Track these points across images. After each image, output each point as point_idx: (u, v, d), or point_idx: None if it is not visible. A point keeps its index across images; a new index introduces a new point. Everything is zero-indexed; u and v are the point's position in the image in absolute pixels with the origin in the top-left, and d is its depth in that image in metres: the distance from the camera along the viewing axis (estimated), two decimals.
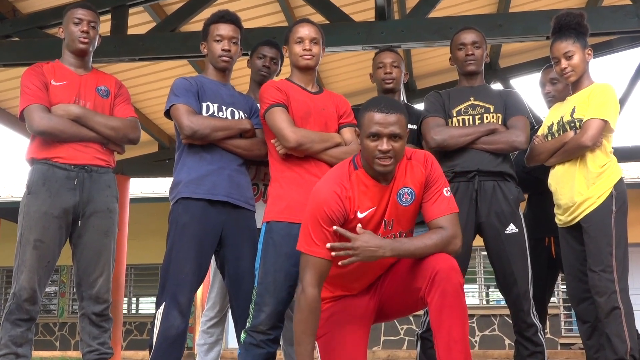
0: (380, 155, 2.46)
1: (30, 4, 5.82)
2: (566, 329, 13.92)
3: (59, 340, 15.44)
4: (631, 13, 5.09)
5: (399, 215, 2.59)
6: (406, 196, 2.58)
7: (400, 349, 13.99)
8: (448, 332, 2.39)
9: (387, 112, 2.48)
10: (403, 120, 2.51)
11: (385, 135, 2.46)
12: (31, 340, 3.03)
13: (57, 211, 3.03)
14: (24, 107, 3.07)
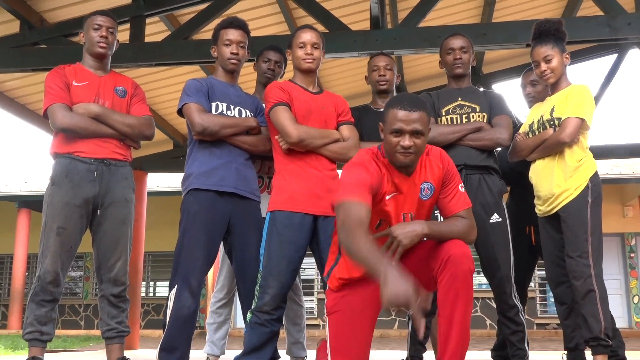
0: (402, 150, 2.39)
1: (56, 14, 5.79)
2: (541, 310, 13.93)
3: (83, 320, 15.47)
4: (603, 23, 5.05)
5: (418, 209, 2.54)
6: (426, 191, 2.53)
7: (392, 329, 14.00)
8: (451, 312, 2.34)
9: (410, 110, 2.38)
10: (425, 117, 2.41)
11: (407, 132, 2.37)
12: (54, 319, 3.01)
13: (78, 201, 3.00)
14: (48, 106, 3.05)
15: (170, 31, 5.98)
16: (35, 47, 5.72)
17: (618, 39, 5.16)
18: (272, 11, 6.43)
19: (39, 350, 2.95)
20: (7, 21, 5.67)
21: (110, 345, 3.10)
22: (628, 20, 5.04)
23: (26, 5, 5.55)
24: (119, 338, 3.10)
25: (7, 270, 15.94)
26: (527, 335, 3.20)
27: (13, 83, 6.88)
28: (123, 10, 5.58)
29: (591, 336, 2.83)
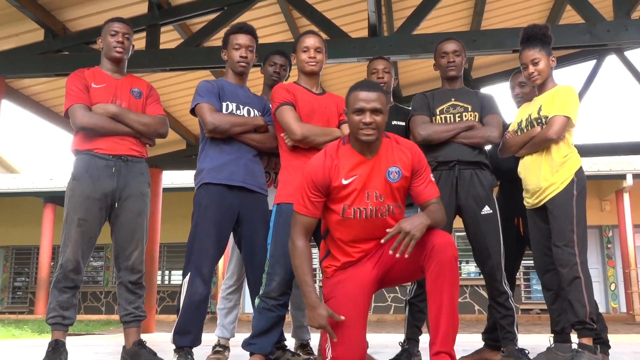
0: (364, 126, 2.43)
1: (77, 24, 5.76)
2: (525, 297, 13.90)
3: (104, 306, 15.47)
4: (584, 30, 5.01)
5: (387, 190, 2.53)
6: (394, 174, 2.53)
7: (388, 314, 13.97)
8: (440, 297, 2.35)
9: (369, 91, 2.47)
10: (383, 97, 2.49)
11: (368, 109, 2.44)
12: (76, 305, 2.96)
13: (97, 194, 2.96)
14: (69, 106, 3.00)
15: (183, 39, 5.95)
16: (59, 54, 5.70)
17: (598, 45, 5.12)
18: (278, 20, 6.40)
19: (61, 333, 2.91)
20: (32, 30, 5.64)
21: (128, 328, 3.06)
22: (607, 27, 4.99)
23: (50, 15, 5.53)
24: (136, 322, 3.06)
25: (34, 261, 15.94)
26: (516, 320, 3.16)
27: (38, 87, 6.85)
28: (140, 19, 5.55)
29: (577, 320, 2.78)
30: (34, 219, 15.40)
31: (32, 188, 14.04)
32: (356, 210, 2.51)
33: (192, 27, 6.16)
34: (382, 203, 2.52)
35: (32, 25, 5.57)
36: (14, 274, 16.44)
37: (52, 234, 14.01)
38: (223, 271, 12.47)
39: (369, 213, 2.51)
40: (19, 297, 16.33)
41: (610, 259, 13.95)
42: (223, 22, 5.51)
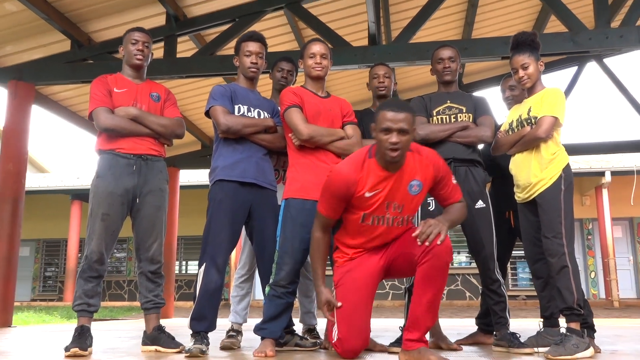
0: (390, 146, 2.38)
1: (101, 35, 5.73)
2: (512, 284, 13.83)
3: (127, 294, 15.47)
4: (567, 38, 4.97)
5: (407, 202, 2.52)
6: (415, 187, 2.52)
7: (387, 300, 13.93)
8: (422, 296, 2.41)
9: (397, 111, 2.41)
10: (410, 118, 2.42)
11: (395, 130, 2.39)
12: (100, 293, 2.92)
13: (120, 191, 2.91)
14: (93, 109, 2.96)
15: (198, 48, 5.92)
16: (84, 63, 5.68)
17: (581, 52, 5.06)
18: (285, 31, 6.36)
19: (87, 319, 2.87)
20: (60, 41, 5.62)
21: (148, 315, 3.01)
22: (589, 35, 4.94)
23: (76, 27, 5.50)
24: (156, 309, 3.02)
25: (63, 252, 15.94)
26: (508, 306, 3.11)
27: (65, 94, 6.83)
28: (158, 30, 5.53)
29: (565, 306, 2.73)
30: (62, 214, 15.42)
31: (60, 186, 14.04)
32: (375, 219, 2.52)
33: (206, 37, 6.13)
34: (400, 214, 2.53)
35: (60, 37, 5.55)
36: (44, 265, 16.45)
37: (79, 228, 14.03)
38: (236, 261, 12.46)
39: (386, 222, 2.53)
40: (49, 285, 16.34)
41: (590, 250, 13.88)
42: (235, 32, 5.48)
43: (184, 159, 8.70)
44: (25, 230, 14.05)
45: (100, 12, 5.37)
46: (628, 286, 13.64)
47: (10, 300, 5.34)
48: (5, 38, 5.50)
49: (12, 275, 5.36)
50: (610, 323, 6.28)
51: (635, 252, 13.86)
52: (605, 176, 12.10)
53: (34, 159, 21.38)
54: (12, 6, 5.04)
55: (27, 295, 16.01)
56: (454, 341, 3.26)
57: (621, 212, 13.48)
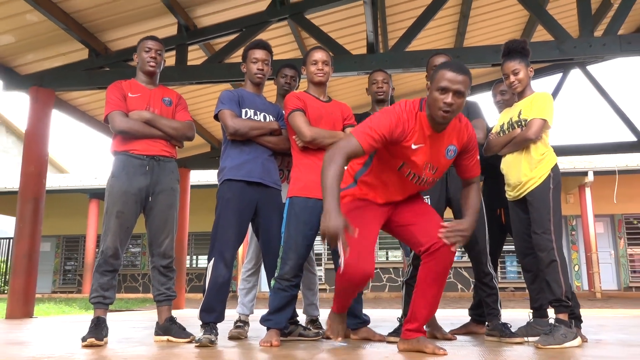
0: (444, 106, 2.18)
1: (117, 44, 5.70)
2: (501, 277, 13.78)
3: (141, 286, 15.45)
4: (553, 47, 4.93)
5: (442, 165, 2.37)
6: (451, 152, 2.36)
7: (384, 292, 13.89)
8: (424, 293, 2.36)
9: (457, 72, 2.18)
10: (468, 81, 2.21)
11: (452, 90, 2.17)
12: (115, 286, 2.89)
13: (133, 190, 2.88)
14: (108, 112, 2.93)
15: (207, 56, 5.89)
16: (101, 70, 5.65)
17: (566, 59, 5.03)
18: (289, 40, 6.33)
19: (102, 311, 2.84)
20: (78, 50, 5.59)
21: (160, 307, 2.98)
22: (574, 44, 4.90)
23: (94, 37, 5.47)
24: (167, 301, 2.98)
25: (81, 248, 15.93)
26: (499, 298, 3.07)
27: (84, 99, 6.80)
28: (170, 39, 5.50)
29: (554, 298, 2.69)
30: (81, 212, 15.40)
31: (79, 186, 14.02)
32: (410, 173, 2.35)
33: (215, 46, 6.10)
34: (432, 175, 2.38)
35: (78, 46, 5.52)
36: (64, 259, 16.44)
37: (97, 225, 14.01)
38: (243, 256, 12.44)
39: (418, 180, 2.37)
40: (69, 278, 16.32)
41: (574, 244, 13.83)
42: (242, 41, 5.45)
43: (194, 160, 8.68)
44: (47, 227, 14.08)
45: (116, 22, 5.35)
46: (609, 278, 13.60)
47: (31, 293, 5.31)
48: (27, 47, 5.48)
49: (34, 270, 5.34)
50: (593, 313, 6.23)
51: (616, 246, 13.82)
52: (588, 176, 12.05)
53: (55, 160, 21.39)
54: (34, 17, 5.01)
55: (48, 288, 16.00)
56: (448, 331, 3.23)
57: (603, 209, 13.44)
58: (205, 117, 7.86)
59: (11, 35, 5.27)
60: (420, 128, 2.28)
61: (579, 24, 4.94)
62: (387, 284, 14.08)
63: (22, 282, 5.21)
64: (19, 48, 5.48)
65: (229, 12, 5.50)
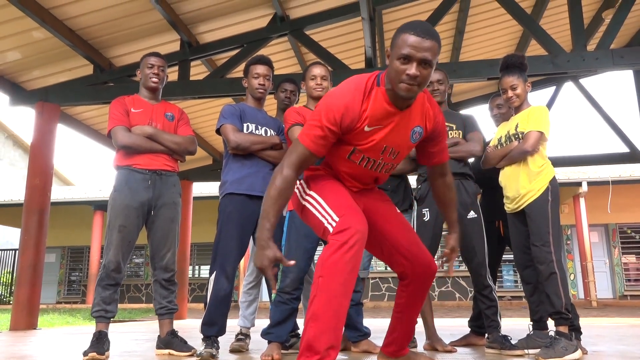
0: (407, 79, 1.70)
1: (121, 60, 5.69)
2: (499, 286, 13.69)
3: (144, 296, 15.34)
4: (547, 61, 4.91)
5: (403, 149, 1.93)
6: (417, 135, 1.91)
7: (383, 301, 13.78)
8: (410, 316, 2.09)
9: (423, 37, 1.68)
10: (436, 48, 1.71)
11: (416, 59, 1.68)
12: (117, 300, 2.84)
13: (136, 204, 2.84)
14: (111, 128, 2.90)
15: (210, 71, 5.88)
16: (105, 85, 5.63)
17: (559, 73, 5.01)
18: (289, 55, 6.33)
19: (104, 325, 2.78)
20: (83, 65, 5.58)
21: (162, 320, 2.93)
22: (567, 58, 4.89)
23: (98, 53, 5.46)
24: (169, 314, 2.93)
25: (86, 258, 15.85)
26: (499, 310, 3.02)
27: (89, 114, 6.78)
28: (173, 55, 5.49)
29: (554, 311, 2.63)
30: (85, 223, 15.34)
31: (84, 198, 13.98)
32: (364, 159, 1.90)
33: (217, 61, 6.09)
34: (392, 160, 1.95)
35: (83, 62, 5.51)
36: (69, 270, 16.34)
37: (101, 236, 13.94)
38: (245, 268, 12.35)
39: (375, 165, 1.93)
40: (74, 289, 16.21)
41: (569, 253, 13.77)
42: (243, 57, 5.44)
43: (196, 173, 8.64)
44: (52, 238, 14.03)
45: (120, 39, 5.34)
46: (605, 287, 13.53)
47: (35, 304, 5.25)
48: (33, 63, 5.47)
49: (38, 282, 5.27)
50: (590, 322, 6.16)
51: (610, 255, 13.75)
52: (582, 186, 12.02)
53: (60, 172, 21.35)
54: (40, 34, 5.01)
55: (53, 298, 15.89)
56: (447, 343, 3.17)
57: (597, 219, 13.40)
58: (207, 130, 7.84)
59: (18, 52, 5.26)
60: (377, 107, 1.81)
61: (571, 38, 4.93)
62: (386, 294, 13.98)
63: (26, 293, 5.15)
64: (26, 64, 5.47)
65: (230, 28, 5.50)
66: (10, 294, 15.37)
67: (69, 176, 22.17)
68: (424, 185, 3.05)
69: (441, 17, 5.21)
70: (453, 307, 12.21)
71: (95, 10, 4.82)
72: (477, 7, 6.24)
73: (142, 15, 5.01)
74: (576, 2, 4.94)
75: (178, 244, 3.00)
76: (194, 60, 5.68)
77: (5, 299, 15.41)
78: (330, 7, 5.45)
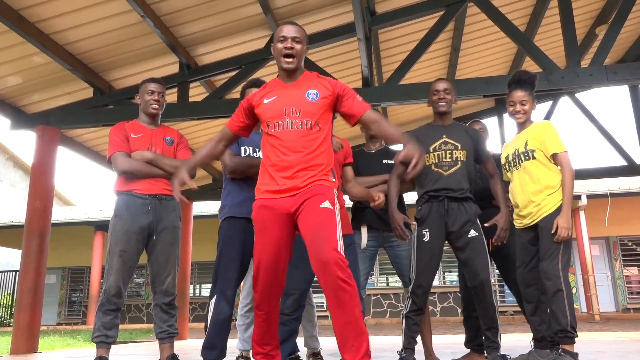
0: (286, 51, 2.35)
1: (121, 82, 5.75)
2: (500, 300, 13.62)
3: (145, 316, 15.24)
4: (542, 78, 4.96)
5: (304, 107, 2.31)
6: (312, 95, 2.35)
7: (385, 318, 13.69)
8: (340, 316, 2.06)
9: (291, 25, 2.43)
10: (302, 32, 2.42)
11: (289, 37, 2.37)
12: (117, 325, 2.84)
13: (136, 229, 2.86)
14: (111, 154, 2.94)
15: (209, 93, 5.94)
16: (105, 108, 5.68)
17: (554, 89, 5.07)
18: None
19: (105, 350, 2.79)
20: (83, 88, 5.64)
21: (162, 344, 2.93)
22: (561, 74, 4.94)
23: (98, 76, 5.53)
24: (169, 338, 2.93)
25: (87, 279, 15.78)
26: (500, 331, 2.97)
27: (89, 135, 6.83)
28: (172, 77, 5.55)
29: (559, 329, 2.62)
30: (86, 244, 15.31)
31: (84, 218, 13.97)
32: (276, 124, 2.31)
33: (215, 82, 6.15)
34: (298, 117, 2.31)
35: (83, 85, 5.57)
36: (69, 291, 16.27)
37: (102, 257, 13.90)
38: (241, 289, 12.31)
39: (286, 126, 2.29)
40: (74, 310, 16.13)
41: (571, 267, 13.72)
42: (241, 78, 5.50)
43: (196, 192, 8.66)
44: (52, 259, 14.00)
45: (120, 62, 5.41)
46: (607, 300, 13.45)
47: (36, 328, 5.23)
48: (34, 87, 5.53)
49: (38, 305, 5.26)
50: (592, 337, 6.13)
51: (612, 268, 13.71)
52: (581, 199, 12.03)
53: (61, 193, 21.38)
54: (40, 59, 5.08)
55: (54, 320, 15.79)
56: None
57: (598, 232, 13.38)
58: None
59: (19, 77, 5.33)
60: (272, 86, 2.42)
61: (565, 55, 4.99)
62: (388, 310, 13.90)
63: (26, 317, 5.13)
64: (26, 88, 5.53)
65: (229, 50, 5.57)
66: (10, 316, 15.28)
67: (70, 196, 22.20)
68: (424, 207, 3.01)
69: (437, 35, 5.29)
70: (455, 324, 12.12)
71: (95, 35, 4.89)
72: (472, 25, 6.33)
73: (141, 38, 5.09)
74: (569, 19, 5.01)
75: (179, 267, 3.01)
76: (192, 82, 5.74)
77: (6, 321, 15.31)
78: (326, 27, 5.53)
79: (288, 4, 5.11)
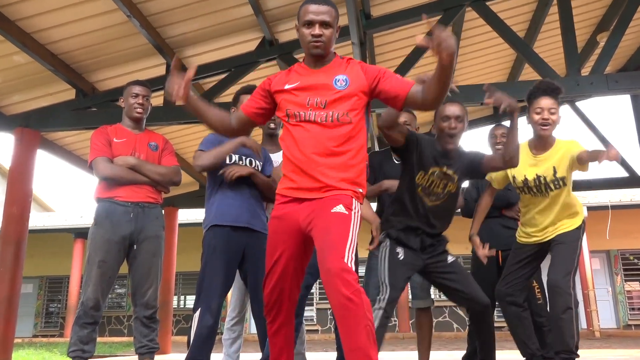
0: (313, 39, 2.10)
1: (105, 84, 5.75)
2: (498, 316, 13.64)
3: (126, 329, 15.12)
4: None
5: (330, 96, 2.10)
6: (341, 82, 2.11)
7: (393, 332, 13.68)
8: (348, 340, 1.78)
9: (319, 4, 2.12)
10: (333, 11, 2.14)
11: (317, 22, 2.10)
12: (95, 339, 2.82)
13: (117, 238, 2.85)
14: (92, 159, 2.93)
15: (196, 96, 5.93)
16: (88, 110, 5.66)
17: None
18: None
19: None
20: (65, 90, 5.62)
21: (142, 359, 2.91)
22: (561, 83, 4.98)
23: (81, 78, 5.52)
24: (150, 354, 2.92)
25: (65, 289, 15.63)
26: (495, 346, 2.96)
27: (70, 139, 6.81)
28: (157, 80, 5.54)
29: (564, 349, 2.63)
30: (65, 252, 15.18)
31: (64, 225, 13.87)
32: (296, 114, 2.11)
33: (204, 85, 6.16)
34: (323, 109, 2.09)
35: (65, 86, 5.56)
36: (47, 301, 16.10)
37: (81, 266, 13.78)
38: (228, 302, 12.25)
39: (307, 117, 2.09)
40: (52, 321, 15.95)
41: None
42: (230, 82, 5.51)
43: (182, 199, 8.64)
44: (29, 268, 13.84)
45: (104, 63, 5.40)
46: (608, 316, 13.51)
47: (10, 340, 5.16)
48: (13, 88, 5.50)
49: (13, 316, 5.20)
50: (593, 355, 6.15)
51: (613, 283, 13.78)
52: None
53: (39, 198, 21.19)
54: (21, 58, 5.06)
55: (29, 332, 15.60)
56: None
57: (598, 245, 13.45)
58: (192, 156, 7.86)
59: None
60: (297, 71, 2.20)
61: (565, 63, 5.05)
62: None
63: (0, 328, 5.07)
64: (5, 89, 5.50)
65: (218, 52, 5.59)
66: None
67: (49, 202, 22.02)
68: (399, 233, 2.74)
69: None
70: (450, 339, 12.12)
71: (78, 34, 4.88)
72: (470, 31, 6.38)
73: (126, 39, 5.09)
74: (569, 26, 5.07)
75: (161, 279, 3.00)
76: None
77: None
78: None
79: (280, 6, 5.13)
